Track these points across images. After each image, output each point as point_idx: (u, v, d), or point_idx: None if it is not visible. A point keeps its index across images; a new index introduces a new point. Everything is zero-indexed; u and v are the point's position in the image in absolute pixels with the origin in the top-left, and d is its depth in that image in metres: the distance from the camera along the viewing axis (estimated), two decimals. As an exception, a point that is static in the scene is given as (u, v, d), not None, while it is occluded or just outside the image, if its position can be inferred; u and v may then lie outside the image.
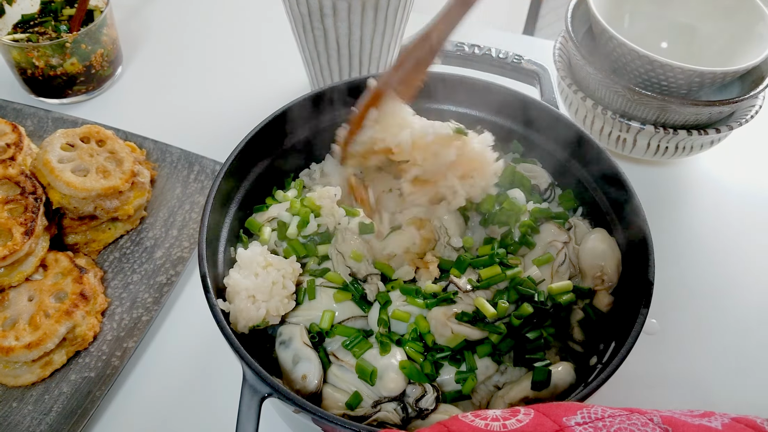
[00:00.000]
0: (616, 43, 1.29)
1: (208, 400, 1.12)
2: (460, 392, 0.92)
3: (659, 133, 1.32)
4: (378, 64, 1.46)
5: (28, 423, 1.06)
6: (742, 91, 1.36)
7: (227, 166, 1.02)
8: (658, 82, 1.28)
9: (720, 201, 1.47)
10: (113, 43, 1.60)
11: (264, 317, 0.94)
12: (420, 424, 0.87)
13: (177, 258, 1.27)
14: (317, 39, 1.37)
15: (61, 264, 1.19)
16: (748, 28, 1.36)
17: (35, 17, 1.57)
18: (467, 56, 1.24)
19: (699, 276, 1.32)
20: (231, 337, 0.84)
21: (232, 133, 1.17)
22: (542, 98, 1.15)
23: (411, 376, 0.89)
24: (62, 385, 1.11)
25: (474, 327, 0.91)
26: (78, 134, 1.31)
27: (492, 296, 0.95)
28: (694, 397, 1.15)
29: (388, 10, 1.31)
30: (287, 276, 0.98)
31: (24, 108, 1.48)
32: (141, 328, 1.16)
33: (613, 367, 0.82)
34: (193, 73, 1.72)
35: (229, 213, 1.05)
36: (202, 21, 1.87)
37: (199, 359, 1.18)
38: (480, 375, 0.92)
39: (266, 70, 1.72)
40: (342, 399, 0.90)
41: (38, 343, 1.07)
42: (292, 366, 0.91)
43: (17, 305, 1.13)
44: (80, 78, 1.56)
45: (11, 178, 1.20)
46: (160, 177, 1.40)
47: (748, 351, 1.22)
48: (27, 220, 1.15)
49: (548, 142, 1.14)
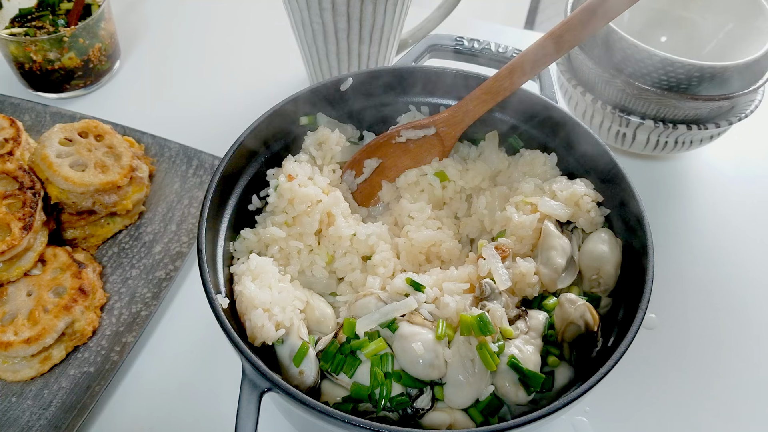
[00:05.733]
0: (616, 38, 1.28)
1: (208, 394, 1.13)
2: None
3: (659, 128, 1.32)
4: (377, 58, 1.46)
5: (28, 417, 1.06)
6: (741, 85, 1.36)
7: (226, 161, 1.02)
8: (657, 77, 1.28)
9: (720, 195, 1.47)
10: (111, 37, 1.59)
11: (281, 337, 0.93)
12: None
13: (176, 253, 1.26)
14: (316, 33, 1.37)
15: (60, 259, 1.19)
16: (748, 22, 1.36)
17: (33, 11, 1.56)
18: (467, 51, 1.24)
19: (699, 270, 1.33)
20: (230, 332, 0.84)
21: (231, 127, 1.17)
22: (542, 93, 1.15)
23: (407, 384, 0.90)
24: (61, 380, 1.11)
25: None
26: (76, 129, 1.30)
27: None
28: (694, 392, 1.15)
29: (387, 5, 1.30)
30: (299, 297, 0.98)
31: (22, 102, 1.48)
32: (140, 323, 1.16)
33: (611, 363, 0.82)
34: (192, 68, 1.71)
35: (228, 208, 1.05)
36: (200, 15, 1.86)
37: (198, 354, 1.18)
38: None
39: (265, 65, 1.71)
40: (340, 393, 0.90)
41: (37, 338, 1.07)
42: (289, 361, 0.92)
43: (16, 300, 1.13)
44: (78, 72, 1.55)
45: (9, 173, 1.20)
46: (158, 172, 1.40)
47: (748, 345, 1.22)
48: (25, 215, 1.15)
49: (547, 137, 1.14)
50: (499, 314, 0.91)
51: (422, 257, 1.08)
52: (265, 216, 1.09)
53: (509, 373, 0.88)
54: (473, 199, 1.14)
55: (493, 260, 0.97)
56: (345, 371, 0.90)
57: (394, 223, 1.14)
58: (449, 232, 1.10)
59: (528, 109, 1.14)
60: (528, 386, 0.88)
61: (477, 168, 1.15)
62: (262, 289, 0.95)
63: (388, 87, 1.17)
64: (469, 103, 1.10)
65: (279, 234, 1.04)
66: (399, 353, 0.89)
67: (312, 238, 1.05)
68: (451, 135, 1.13)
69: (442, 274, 0.99)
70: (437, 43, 1.25)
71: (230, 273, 1.01)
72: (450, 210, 1.15)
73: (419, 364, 0.87)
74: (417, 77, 1.16)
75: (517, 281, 0.98)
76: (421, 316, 0.93)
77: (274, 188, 1.07)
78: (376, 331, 0.92)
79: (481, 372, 0.87)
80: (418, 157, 1.16)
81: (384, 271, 1.03)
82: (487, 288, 0.94)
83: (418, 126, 1.13)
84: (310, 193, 1.05)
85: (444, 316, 0.93)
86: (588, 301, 0.95)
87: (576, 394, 0.80)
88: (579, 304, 0.94)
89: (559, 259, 0.99)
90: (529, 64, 1.05)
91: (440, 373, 0.88)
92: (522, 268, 0.97)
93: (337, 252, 1.05)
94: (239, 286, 0.96)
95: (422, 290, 0.95)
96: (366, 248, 1.05)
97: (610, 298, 1.01)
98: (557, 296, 0.98)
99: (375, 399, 0.87)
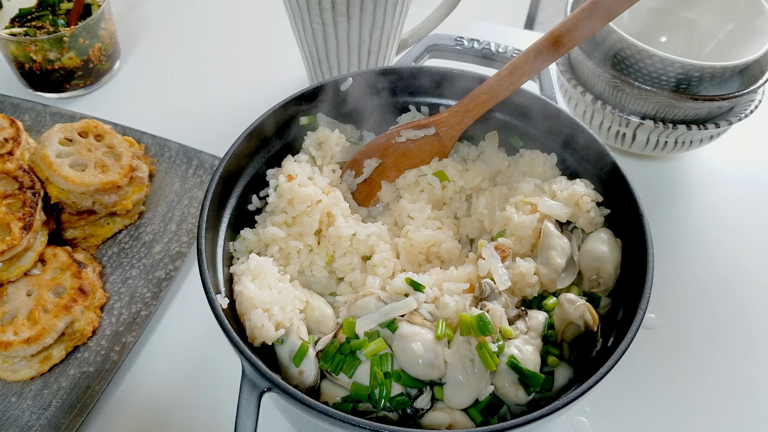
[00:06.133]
0: (616, 38, 1.28)
1: (208, 394, 1.13)
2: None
3: (658, 128, 1.32)
4: (377, 58, 1.46)
5: (27, 417, 1.06)
6: (741, 85, 1.36)
7: (226, 161, 1.02)
8: (657, 77, 1.28)
9: (719, 195, 1.47)
10: (111, 37, 1.60)
11: (281, 337, 0.93)
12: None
13: (176, 253, 1.26)
14: (316, 33, 1.37)
15: (60, 259, 1.19)
16: (748, 22, 1.36)
17: (33, 11, 1.56)
18: (466, 51, 1.24)
19: (698, 270, 1.33)
20: (230, 332, 0.84)
21: (231, 127, 1.17)
22: (542, 93, 1.15)
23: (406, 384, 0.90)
24: (61, 380, 1.11)
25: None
26: (76, 129, 1.30)
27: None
28: (694, 392, 1.15)
29: (387, 4, 1.30)
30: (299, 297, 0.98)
31: (22, 102, 1.48)
32: (140, 323, 1.16)
33: (611, 363, 0.82)
34: (192, 68, 1.71)
35: (228, 207, 1.05)
36: (200, 15, 1.86)
37: (198, 354, 1.18)
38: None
39: (264, 65, 1.71)
40: (340, 393, 0.90)
41: (37, 338, 1.07)
42: (289, 361, 0.92)
43: (16, 300, 1.13)
44: (78, 72, 1.55)
45: (9, 173, 1.20)
46: (158, 172, 1.40)
47: (747, 345, 1.22)
48: (25, 214, 1.15)
49: (547, 137, 1.14)
50: (499, 314, 0.91)
51: (422, 257, 1.08)
52: (265, 216, 1.09)
53: (509, 373, 0.88)
54: (473, 199, 1.14)
55: (493, 260, 0.97)
56: (345, 371, 0.90)
57: (393, 223, 1.14)
58: (449, 232, 1.10)
59: (528, 109, 1.14)
60: (528, 386, 0.88)
61: (477, 168, 1.15)
62: (261, 289, 0.95)
63: (388, 87, 1.18)
64: (469, 103, 1.10)
65: (279, 234, 1.04)
66: (399, 353, 0.89)
67: (312, 238, 1.05)
68: (451, 135, 1.13)
69: (441, 274, 0.99)
70: (437, 43, 1.25)
71: (230, 273, 1.01)
72: (450, 210, 1.15)
73: (419, 364, 0.87)
74: (417, 77, 1.16)
75: (517, 281, 0.98)
76: (421, 316, 0.93)
77: (273, 188, 1.07)
78: (375, 331, 0.92)
79: (480, 372, 0.87)
80: (418, 157, 1.16)
81: (384, 271, 1.03)
82: (486, 288, 0.94)
83: (418, 126, 1.13)
84: (310, 193, 1.05)
85: (444, 316, 0.93)
86: (588, 301, 0.95)
87: (576, 394, 0.80)
88: (579, 304, 0.94)
89: (558, 259, 0.99)
90: (529, 64, 1.05)
91: (440, 373, 0.88)
92: (522, 268, 0.98)
93: (337, 252, 1.05)
94: (239, 286, 0.96)
95: (422, 290, 0.95)
96: (366, 248, 1.05)
97: (609, 298, 1.01)
98: (557, 296, 0.98)
99: (375, 399, 0.87)
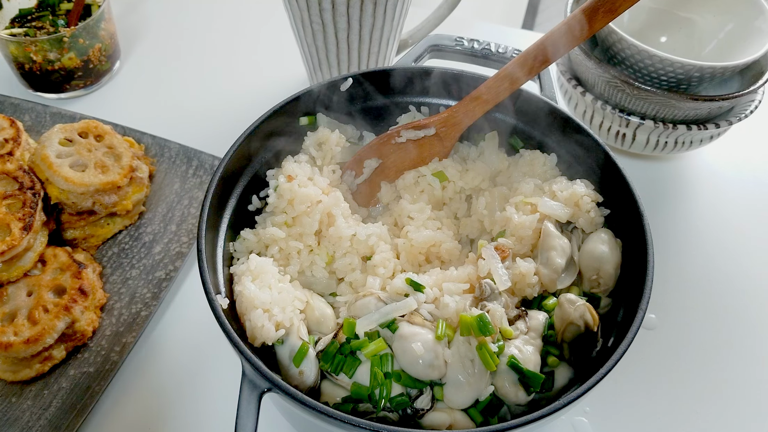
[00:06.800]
0: (616, 38, 1.28)
1: (208, 394, 1.13)
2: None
3: (659, 128, 1.32)
4: (377, 58, 1.46)
5: (28, 418, 1.06)
6: (741, 85, 1.36)
7: (226, 161, 1.02)
8: (657, 77, 1.28)
9: (719, 195, 1.47)
10: (111, 37, 1.60)
11: (281, 337, 0.93)
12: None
13: (176, 253, 1.26)
14: (316, 33, 1.37)
15: (60, 259, 1.19)
16: (748, 22, 1.36)
17: (33, 12, 1.56)
18: (466, 51, 1.24)
19: (698, 270, 1.33)
20: (230, 332, 0.84)
21: (231, 127, 1.17)
22: (542, 93, 1.15)
23: (406, 384, 0.90)
24: (61, 380, 1.11)
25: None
26: (76, 129, 1.30)
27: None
28: (694, 392, 1.15)
29: (387, 4, 1.30)
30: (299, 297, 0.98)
31: (22, 103, 1.48)
32: (140, 323, 1.16)
33: (611, 363, 0.82)
34: (192, 68, 1.71)
35: (228, 208, 1.05)
36: (200, 15, 1.86)
37: (198, 354, 1.18)
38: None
39: (265, 65, 1.71)
40: (340, 394, 0.90)
41: (37, 339, 1.07)
42: (289, 361, 0.91)
43: (16, 300, 1.13)
44: (78, 73, 1.55)
45: (9, 174, 1.20)
46: (158, 172, 1.40)
47: (747, 345, 1.22)
48: (25, 215, 1.15)
49: (547, 137, 1.14)
50: (499, 314, 0.91)
51: (422, 257, 1.08)
52: (265, 216, 1.09)
53: (509, 373, 0.88)
54: (473, 200, 1.14)
55: (493, 260, 0.97)
56: (345, 371, 0.90)
57: (393, 224, 1.14)
58: (449, 233, 1.10)
59: (528, 110, 1.14)
60: (528, 386, 0.88)
61: (477, 168, 1.15)
62: (262, 289, 0.95)
63: (388, 87, 1.18)
64: (469, 104, 1.10)
65: (279, 234, 1.04)
66: (399, 353, 0.89)
67: (312, 239, 1.05)
68: (451, 135, 1.13)
69: (441, 275, 0.99)
70: (437, 43, 1.25)
71: (230, 273, 1.01)
72: (450, 210, 1.15)
73: (419, 365, 0.87)
74: (417, 77, 1.16)
75: (517, 281, 0.98)
76: (421, 317, 0.93)
77: (273, 188, 1.07)
78: (375, 331, 0.92)
79: (480, 372, 0.87)
80: (418, 158, 1.16)
81: (384, 271, 1.03)
82: (486, 288, 0.94)
83: (418, 126, 1.13)
84: (309, 193, 1.05)
85: (444, 317, 0.93)
86: (588, 302, 0.95)
87: (576, 394, 0.80)
88: (579, 304, 0.94)
89: (558, 260, 0.99)
90: (529, 64, 1.05)
91: (440, 373, 0.88)
92: (522, 269, 0.97)
93: (337, 252, 1.05)
94: (239, 287, 0.96)
95: (422, 290, 0.95)
96: (366, 248, 1.05)
97: (609, 299, 1.01)
98: (557, 296, 0.98)
99: (375, 399, 0.87)
